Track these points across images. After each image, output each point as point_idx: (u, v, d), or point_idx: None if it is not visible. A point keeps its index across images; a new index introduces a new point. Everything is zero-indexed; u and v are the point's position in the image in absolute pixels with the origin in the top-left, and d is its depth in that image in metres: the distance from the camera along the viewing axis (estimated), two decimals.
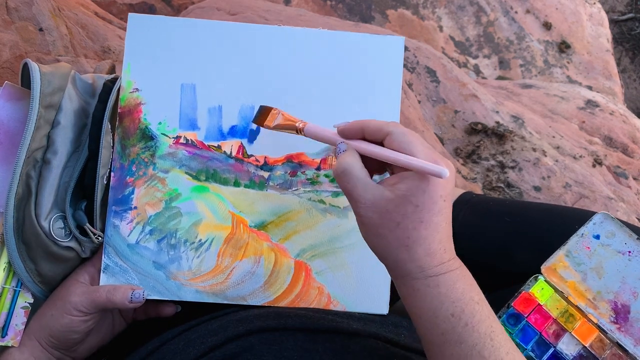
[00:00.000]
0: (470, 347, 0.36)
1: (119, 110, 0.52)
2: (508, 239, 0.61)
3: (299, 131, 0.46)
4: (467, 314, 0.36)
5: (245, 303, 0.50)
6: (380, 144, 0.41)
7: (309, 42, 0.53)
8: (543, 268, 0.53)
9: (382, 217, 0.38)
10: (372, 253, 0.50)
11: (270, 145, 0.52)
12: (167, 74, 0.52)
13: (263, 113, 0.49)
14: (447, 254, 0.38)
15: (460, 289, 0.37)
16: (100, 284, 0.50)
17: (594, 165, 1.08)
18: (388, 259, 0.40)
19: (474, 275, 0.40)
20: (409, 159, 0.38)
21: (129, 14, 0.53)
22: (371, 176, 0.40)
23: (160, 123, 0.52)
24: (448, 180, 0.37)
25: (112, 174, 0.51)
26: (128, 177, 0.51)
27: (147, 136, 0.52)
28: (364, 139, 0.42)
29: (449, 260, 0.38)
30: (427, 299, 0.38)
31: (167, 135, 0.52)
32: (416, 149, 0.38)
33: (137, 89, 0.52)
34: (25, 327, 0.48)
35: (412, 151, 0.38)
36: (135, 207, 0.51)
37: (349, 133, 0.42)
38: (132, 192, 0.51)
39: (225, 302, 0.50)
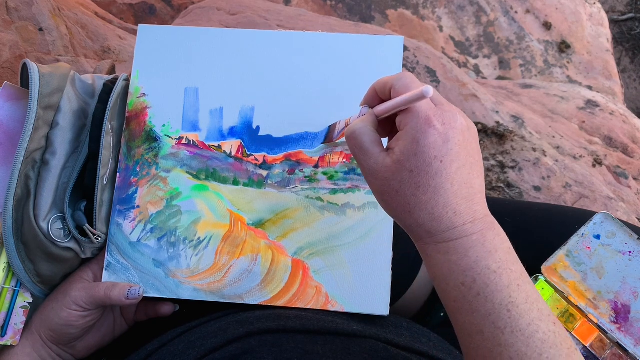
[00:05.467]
0: (483, 317, 0.34)
1: (126, 115, 0.54)
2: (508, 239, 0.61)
3: None
4: (480, 284, 0.34)
5: (242, 302, 0.50)
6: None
7: (307, 44, 0.54)
8: (543, 268, 0.53)
9: (383, 185, 0.37)
10: (371, 252, 0.51)
11: (269, 144, 0.53)
12: (172, 79, 0.54)
13: (329, 131, 0.51)
14: (460, 218, 0.35)
15: (473, 257, 0.35)
16: (102, 281, 0.50)
17: (594, 165, 1.08)
18: (400, 223, 0.38)
19: None
20: (395, 101, 0.36)
21: (139, 25, 0.56)
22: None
23: (164, 125, 0.53)
24: (442, 137, 0.35)
25: (117, 174, 0.52)
26: (132, 177, 0.52)
27: (152, 138, 0.53)
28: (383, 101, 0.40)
29: (462, 225, 0.35)
30: (438, 265, 0.36)
31: (170, 137, 0.53)
32: (413, 89, 0.36)
33: (144, 94, 0.54)
34: (24, 326, 0.48)
35: (408, 91, 0.36)
36: (138, 206, 0.52)
37: (367, 99, 0.42)
38: (136, 192, 0.52)
39: (222, 300, 0.50)
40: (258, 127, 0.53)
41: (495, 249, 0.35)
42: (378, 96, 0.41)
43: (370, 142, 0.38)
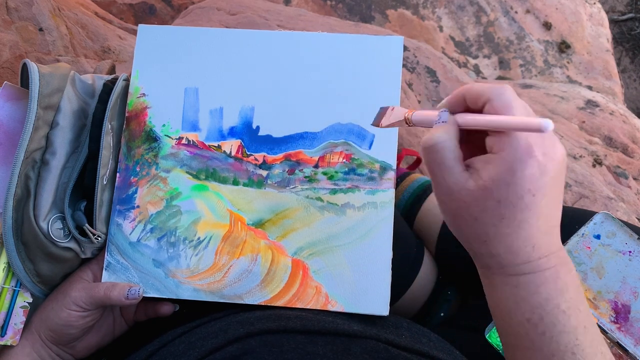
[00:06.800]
0: (545, 357, 0.33)
1: (126, 115, 0.54)
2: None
3: (407, 122, 0.40)
4: (547, 323, 0.32)
5: (241, 302, 0.50)
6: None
7: (307, 45, 0.54)
8: None
9: (460, 209, 0.34)
10: (371, 252, 0.51)
11: (269, 144, 0.53)
12: (172, 79, 0.54)
13: (380, 114, 0.45)
14: (537, 252, 0.33)
15: (544, 294, 0.33)
16: (101, 281, 0.50)
17: (594, 165, 1.08)
18: (468, 249, 0.36)
19: (473, 278, 0.39)
20: (498, 120, 0.32)
21: (139, 25, 0.56)
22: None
23: (164, 125, 0.53)
24: (540, 169, 0.31)
25: (117, 174, 0.52)
26: (132, 177, 0.52)
27: (152, 138, 0.53)
28: (469, 110, 0.35)
29: (538, 259, 0.33)
30: (504, 298, 0.34)
31: (169, 137, 0.53)
32: (515, 110, 0.32)
33: (144, 94, 0.54)
34: (24, 326, 0.48)
35: (510, 112, 0.32)
36: (138, 206, 0.52)
37: (451, 103, 0.36)
38: (136, 192, 0.52)
39: (222, 300, 0.50)
40: (258, 127, 0.53)
41: (567, 288, 0.34)
42: (464, 103, 0.36)
43: (453, 159, 0.34)
